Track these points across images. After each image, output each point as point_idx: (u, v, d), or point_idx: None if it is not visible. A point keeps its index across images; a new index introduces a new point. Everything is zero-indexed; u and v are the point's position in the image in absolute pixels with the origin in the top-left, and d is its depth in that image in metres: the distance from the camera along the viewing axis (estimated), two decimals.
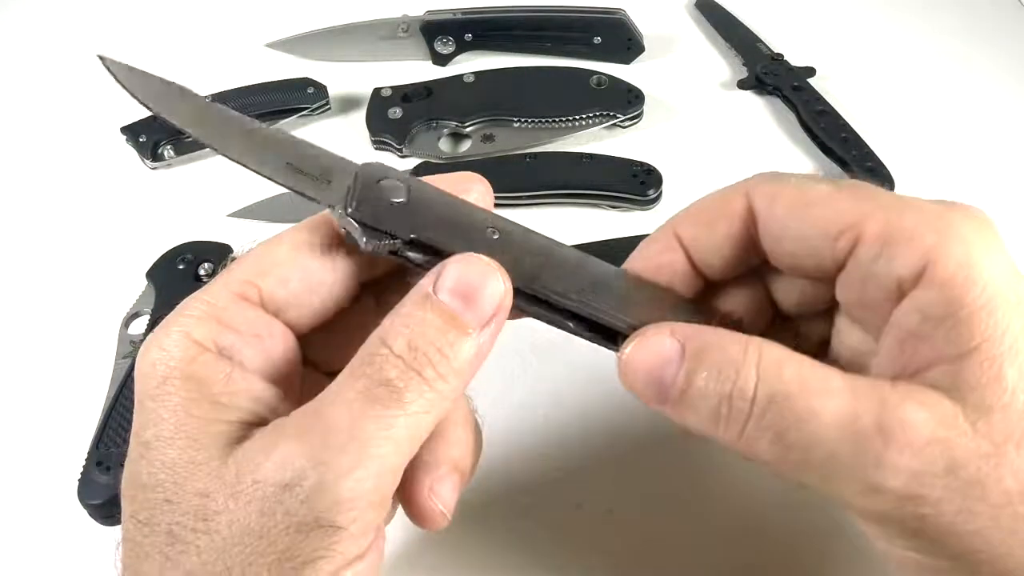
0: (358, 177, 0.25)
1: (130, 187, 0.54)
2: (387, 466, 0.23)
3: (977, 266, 0.21)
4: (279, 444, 0.22)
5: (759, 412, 0.23)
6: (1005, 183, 0.53)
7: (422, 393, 0.23)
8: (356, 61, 0.62)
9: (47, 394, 0.44)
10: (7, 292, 0.49)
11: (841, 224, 0.23)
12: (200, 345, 0.23)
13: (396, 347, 0.23)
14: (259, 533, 0.21)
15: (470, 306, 0.24)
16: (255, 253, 0.26)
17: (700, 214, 0.27)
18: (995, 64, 0.61)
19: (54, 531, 0.39)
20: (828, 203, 0.24)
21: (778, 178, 0.26)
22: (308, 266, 0.25)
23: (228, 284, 0.25)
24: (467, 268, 0.24)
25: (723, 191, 0.27)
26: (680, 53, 0.63)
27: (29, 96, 0.61)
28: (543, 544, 0.37)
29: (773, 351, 0.24)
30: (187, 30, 0.65)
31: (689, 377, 0.24)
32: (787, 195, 0.25)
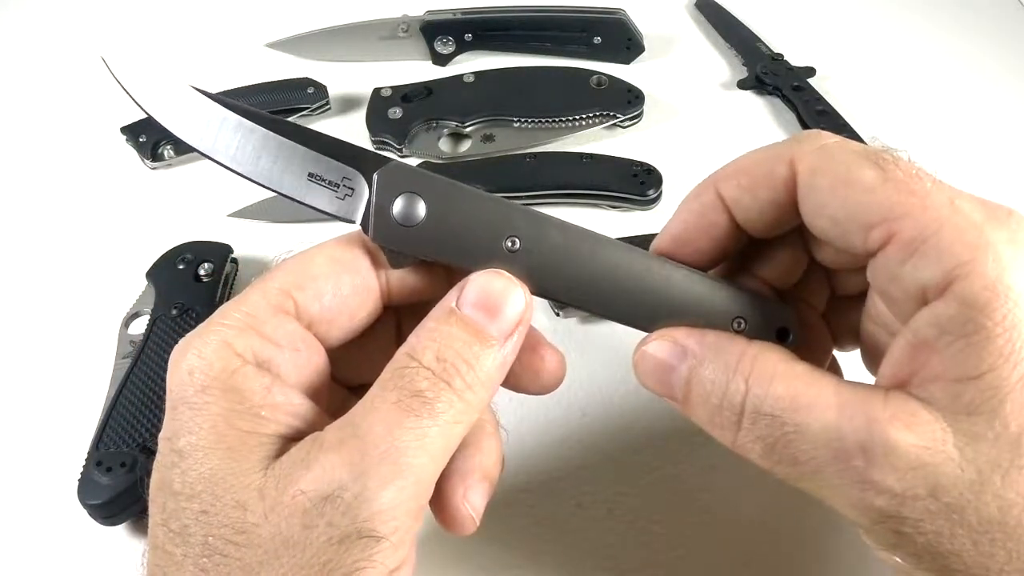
0: (374, 193, 0.26)
1: (130, 187, 0.54)
2: (424, 475, 0.23)
3: (1004, 291, 0.21)
4: (319, 457, 0.22)
5: (748, 424, 0.24)
6: (1006, 183, 0.53)
7: (452, 404, 0.23)
8: (356, 61, 0.62)
9: (47, 394, 0.44)
10: (7, 292, 0.49)
11: (876, 217, 0.23)
12: (241, 357, 0.24)
13: (425, 359, 0.24)
14: (301, 545, 0.21)
15: (493, 319, 0.24)
16: (291, 264, 0.26)
17: (744, 176, 0.26)
18: (996, 64, 0.61)
19: (54, 531, 0.39)
20: (869, 193, 0.23)
21: (825, 151, 0.24)
22: (342, 282, 0.26)
23: (266, 294, 0.25)
24: (489, 283, 0.25)
25: (768, 152, 0.26)
26: (680, 53, 0.63)
27: (29, 96, 0.61)
28: (543, 543, 0.37)
29: (767, 364, 0.24)
30: (187, 30, 0.65)
31: (688, 385, 0.25)
32: (831, 173, 0.24)
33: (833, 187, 0.24)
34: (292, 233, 0.51)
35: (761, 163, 0.26)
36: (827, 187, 0.24)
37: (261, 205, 0.52)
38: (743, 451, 0.24)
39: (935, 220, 0.22)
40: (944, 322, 0.21)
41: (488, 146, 0.55)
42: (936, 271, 0.21)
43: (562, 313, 0.45)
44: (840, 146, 0.24)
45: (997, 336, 0.20)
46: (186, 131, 0.26)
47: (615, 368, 0.43)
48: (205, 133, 0.26)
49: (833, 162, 0.24)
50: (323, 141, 0.26)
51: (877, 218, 0.23)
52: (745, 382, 0.24)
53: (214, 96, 0.26)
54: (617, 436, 0.41)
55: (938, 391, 0.22)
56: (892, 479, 0.21)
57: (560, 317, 0.45)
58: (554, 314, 0.45)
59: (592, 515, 0.38)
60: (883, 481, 0.22)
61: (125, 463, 0.37)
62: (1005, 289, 0.20)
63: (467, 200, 0.26)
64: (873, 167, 0.23)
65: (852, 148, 0.24)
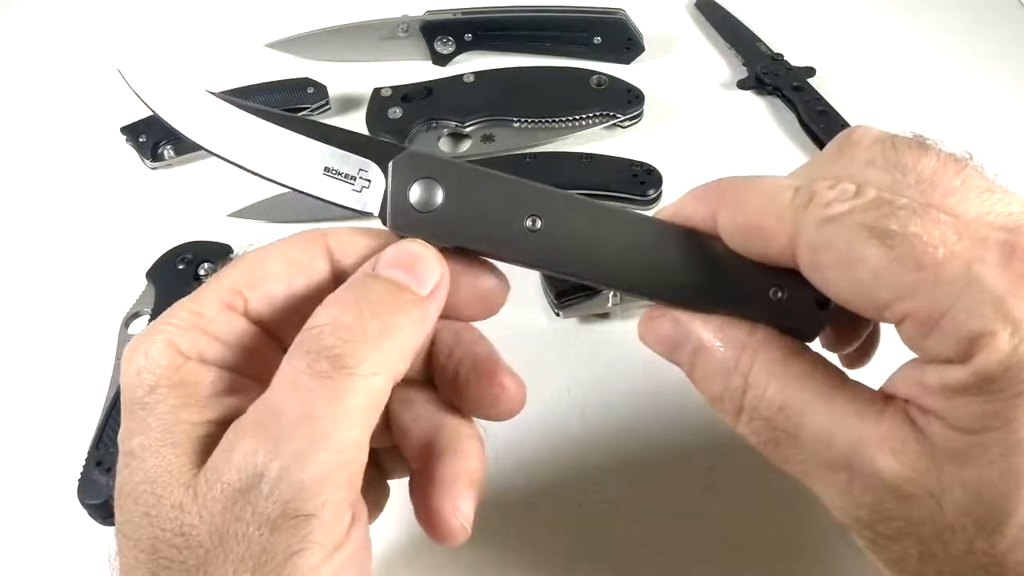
0: (390, 181, 0.25)
1: (130, 187, 0.54)
2: (348, 442, 0.22)
3: (1019, 366, 0.20)
4: (237, 444, 0.22)
5: (746, 418, 0.24)
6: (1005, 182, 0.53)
7: (368, 354, 0.22)
8: (356, 61, 0.62)
9: (47, 394, 0.44)
10: (7, 292, 0.49)
11: (887, 298, 0.21)
12: (184, 355, 0.23)
13: (332, 314, 0.23)
14: (236, 539, 0.21)
15: (412, 273, 0.24)
16: (247, 261, 0.26)
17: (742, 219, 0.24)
18: (996, 64, 0.61)
19: (54, 531, 0.39)
20: (876, 275, 0.21)
21: (828, 226, 0.22)
22: (295, 283, 0.25)
23: (217, 292, 0.25)
24: (405, 247, 0.25)
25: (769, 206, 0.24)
26: (680, 53, 0.63)
27: (29, 96, 0.61)
28: (543, 543, 0.37)
29: (766, 362, 0.24)
30: (187, 30, 0.65)
31: (692, 365, 0.25)
32: (834, 253, 0.22)
33: (838, 268, 0.22)
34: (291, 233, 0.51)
35: (764, 217, 0.24)
36: (831, 267, 0.22)
37: (261, 205, 0.52)
38: (743, 435, 0.25)
39: (947, 296, 0.20)
40: (953, 385, 0.21)
41: (488, 146, 0.55)
42: (952, 349, 0.21)
43: (562, 313, 0.45)
44: (845, 219, 0.22)
45: (1001, 402, 0.20)
46: (203, 135, 0.26)
47: (614, 368, 0.43)
48: (221, 136, 0.26)
49: (835, 240, 0.22)
50: (337, 135, 0.26)
51: (887, 298, 0.21)
52: (744, 379, 0.24)
53: (227, 98, 0.26)
54: (616, 436, 0.41)
55: (935, 429, 0.21)
56: (871, 498, 0.22)
57: (560, 317, 0.45)
58: (554, 314, 0.45)
59: (592, 515, 0.38)
60: (863, 498, 0.22)
61: None
62: (1020, 360, 0.20)
63: (485, 182, 0.25)
64: (877, 244, 0.21)
65: (858, 220, 0.22)
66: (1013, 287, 0.20)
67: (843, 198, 0.22)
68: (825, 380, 0.23)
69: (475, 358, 0.27)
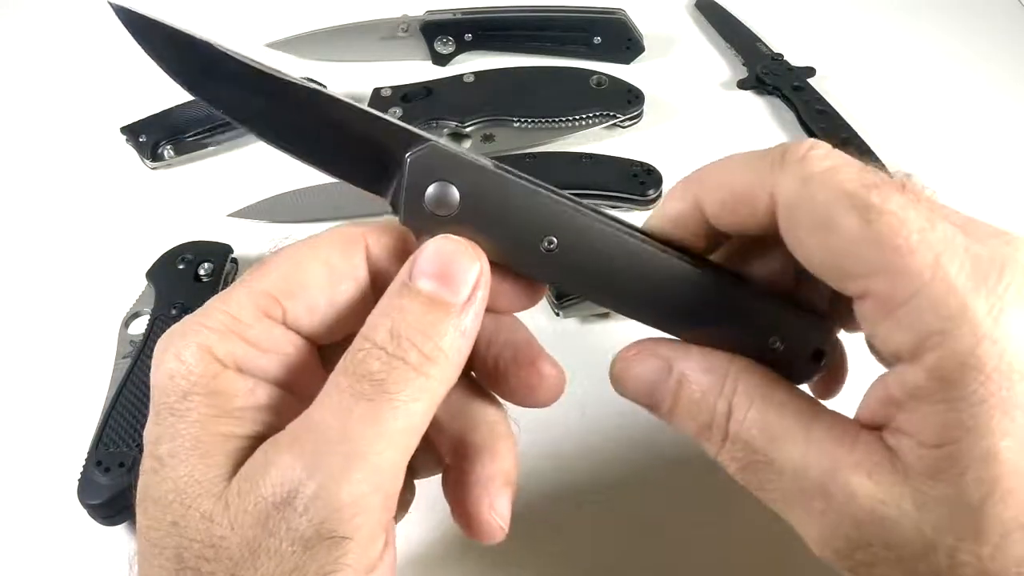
0: (407, 176, 0.24)
1: (130, 187, 0.54)
2: (385, 464, 0.22)
3: (976, 365, 0.19)
4: (275, 458, 0.21)
5: (728, 446, 0.24)
6: (1005, 183, 0.53)
7: (409, 381, 0.22)
8: (356, 61, 0.62)
9: (47, 394, 0.44)
10: (7, 292, 0.49)
11: (854, 270, 0.21)
12: (220, 363, 0.23)
13: (378, 338, 0.22)
14: (268, 555, 0.21)
15: (448, 285, 0.23)
16: (283, 266, 0.24)
17: (725, 193, 0.24)
18: (995, 64, 0.61)
19: (54, 531, 0.39)
20: (848, 244, 0.21)
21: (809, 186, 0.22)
22: (337, 292, 0.25)
23: (253, 296, 0.24)
24: (440, 249, 0.24)
25: (750, 172, 0.24)
26: (680, 53, 0.63)
27: (29, 96, 0.61)
28: (542, 543, 0.37)
29: (747, 387, 0.24)
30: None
31: (676, 399, 0.25)
32: (810, 215, 0.22)
33: (811, 230, 0.22)
34: (292, 233, 0.51)
35: (743, 184, 0.24)
36: (805, 228, 0.22)
37: (261, 205, 0.52)
38: (723, 464, 0.25)
39: (913, 283, 0.20)
40: (912, 388, 0.21)
41: (488, 146, 0.55)
42: (909, 338, 0.20)
43: (562, 313, 0.45)
44: (826, 179, 0.22)
45: (962, 410, 0.20)
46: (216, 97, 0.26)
47: None
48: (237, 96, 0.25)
49: (814, 202, 0.22)
50: (357, 113, 0.25)
51: (855, 271, 0.21)
52: (728, 404, 0.24)
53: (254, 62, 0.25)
54: (617, 435, 0.41)
55: (905, 448, 0.21)
56: (847, 524, 0.22)
57: (560, 317, 0.45)
58: (554, 314, 0.45)
59: (592, 515, 0.38)
60: (839, 525, 0.22)
61: (124, 463, 0.37)
62: (977, 363, 0.19)
63: (505, 193, 0.25)
64: (856, 215, 0.21)
65: (838, 184, 0.21)
66: (975, 287, 0.20)
67: (821, 153, 0.22)
68: (803, 408, 0.23)
69: (515, 347, 0.27)
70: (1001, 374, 0.19)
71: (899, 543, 0.21)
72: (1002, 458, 0.20)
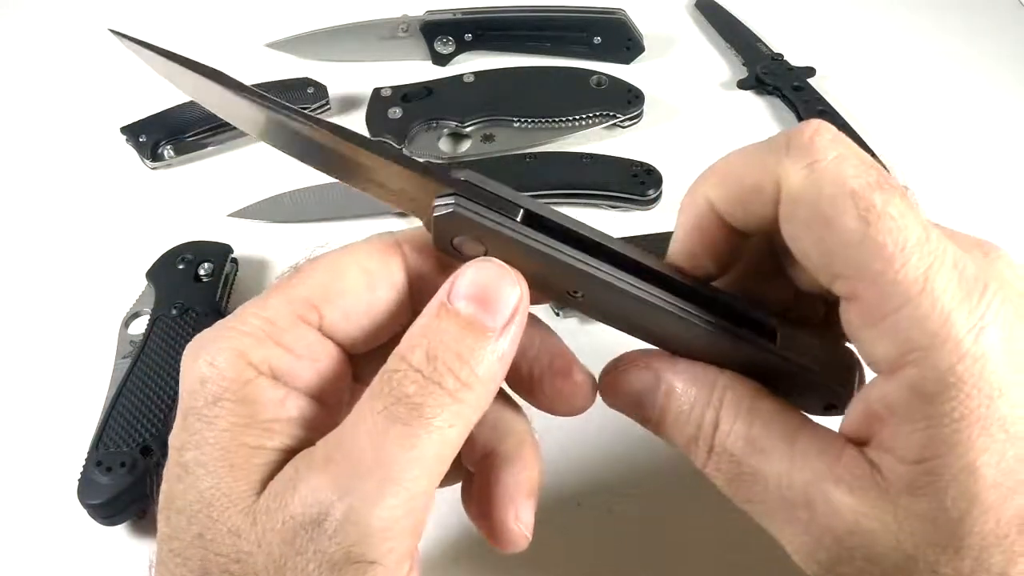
0: (433, 227, 0.24)
1: (130, 187, 0.54)
2: (417, 489, 0.21)
3: (955, 383, 0.20)
4: (306, 476, 0.21)
5: (715, 458, 0.24)
6: (1005, 182, 0.53)
7: (445, 406, 0.22)
8: (356, 61, 0.62)
9: (47, 394, 0.44)
10: (7, 292, 0.49)
11: (846, 272, 0.21)
12: (255, 368, 0.22)
13: (414, 360, 0.22)
14: (294, 573, 0.20)
15: (487, 310, 0.23)
16: (321, 271, 0.24)
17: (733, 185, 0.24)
18: (995, 64, 0.61)
19: (54, 531, 0.39)
20: (844, 245, 0.21)
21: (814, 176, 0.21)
22: (375, 299, 0.24)
23: (291, 302, 0.23)
24: (480, 273, 0.23)
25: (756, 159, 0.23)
26: (680, 53, 0.63)
27: (30, 96, 0.61)
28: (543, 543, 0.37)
29: (735, 399, 0.24)
30: (187, 30, 0.65)
31: (664, 412, 0.25)
32: (812, 208, 0.21)
33: (811, 224, 0.22)
34: (292, 233, 0.51)
35: (749, 173, 0.23)
36: (805, 221, 0.22)
37: (261, 205, 0.52)
38: (709, 476, 0.25)
39: (900, 296, 0.20)
40: (892, 403, 0.21)
41: (488, 146, 0.55)
42: (891, 349, 0.20)
43: (562, 313, 0.45)
44: (831, 170, 0.21)
45: (942, 427, 0.20)
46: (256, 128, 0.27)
47: None
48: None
49: (817, 195, 0.21)
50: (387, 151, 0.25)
51: (846, 272, 0.21)
52: (717, 414, 0.24)
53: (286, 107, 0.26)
54: (617, 435, 0.41)
55: (887, 462, 0.21)
56: (830, 538, 0.22)
57: (560, 317, 0.45)
58: (554, 314, 0.45)
59: (592, 515, 0.38)
60: (823, 538, 0.22)
61: (125, 463, 0.37)
62: (957, 380, 0.19)
63: (528, 253, 0.24)
64: (857, 217, 0.20)
65: (843, 178, 0.21)
66: (961, 304, 0.20)
67: (826, 137, 0.22)
68: (788, 421, 0.23)
69: (551, 356, 0.27)
70: (980, 391, 0.20)
71: (881, 557, 0.21)
72: (981, 474, 0.20)
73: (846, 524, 0.21)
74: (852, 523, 0.21)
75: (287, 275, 0.24)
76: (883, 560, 0.21)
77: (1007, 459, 0.20)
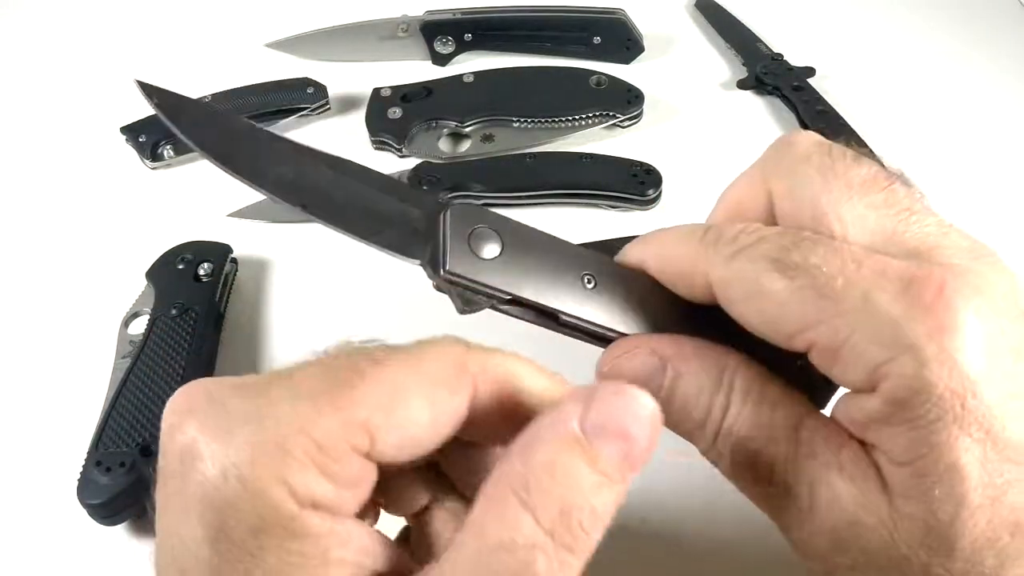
0: (447, 228, 0.24)
1: (130, 187, 0.54)
2: None
3: (924, 387, 0.20)
4: None
5: (720, 443, 0.24)
6: (1005, 182, 0.53)
7: (570, 570, 0.19)
8: (356, 61, 0.62)
9: (47, 394, 0.44)
10: (7, 292, 0.49)
11: (793, 328, 0.22)
12: (298, 499, 0.19)
13: (545, 521, 0.18)
14: None
15: (628, 457, 0.19)
16: (383, 394, 0.20)
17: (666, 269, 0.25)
18: (995, 64, 0.61)
19: (54, 531, 0.39)
20: (780, 306, 0.22)
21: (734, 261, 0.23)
22: (433, 433, 0.21)
23: (346, 426, 0.20)
24: (624, 406, 0.20)
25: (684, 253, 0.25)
26: (680, 53, 0.63)
27: (29, 96, 0.61)
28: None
29: (745, 380, 0.24)
30: (187, 30, 0.66)
31: (669, 399, 0.24)
32: (741, 288, 0.23)
33: (745, 300, 0.23)
34: (291, 233, 0.51)
35: (682, 264, 0.25)
36: (740, 300, 0.23)
37: (260, 205, 0.52)
38: (712, 461, 0.24)
39: (847, 325, 0.21)
40: (872, 415, 0.21)
41: (488, 146, 0.55)
42: (860, 375, 0.21)
43: None
44: (748, 252, 0.23)
45: (922, 428, 0.20)
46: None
47: None
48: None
49: (742, 274, 0.23)
50: (385, 182, 0.25)
51: (793, 329, 0.22)
52: (727, 399, 0.24)
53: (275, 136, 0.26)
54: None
55: (884, 463, 0.21)
56: (829, 527, 0.22)
57: None
58: None
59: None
60: (823, 526, 0.22)
61: (124, 463, 0.37)
62: (924, 385, 0.20)
63: (539, 239, 0.25)
64: (780, 276, 0.22)
65: (760, 253, 0.22)
66: (909, 312, 0.20)
67: (748, 231, 0.23)
68: (794, 408, 0.23)
69: None
70: (953, 392, 0.20)
71: (876, 552, 0.21)
72: (966, 473, 0.20)
73: (846, 514, 0.21)
74: (852, 513, 0.21)
75: (333, 360, 0.21)
76: (878, 556, 0.21)
77: (991, 459, 0.20)
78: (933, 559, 0.21)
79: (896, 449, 0.21)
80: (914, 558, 0.21)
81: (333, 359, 0.21)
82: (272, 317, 0.47)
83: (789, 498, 0.23)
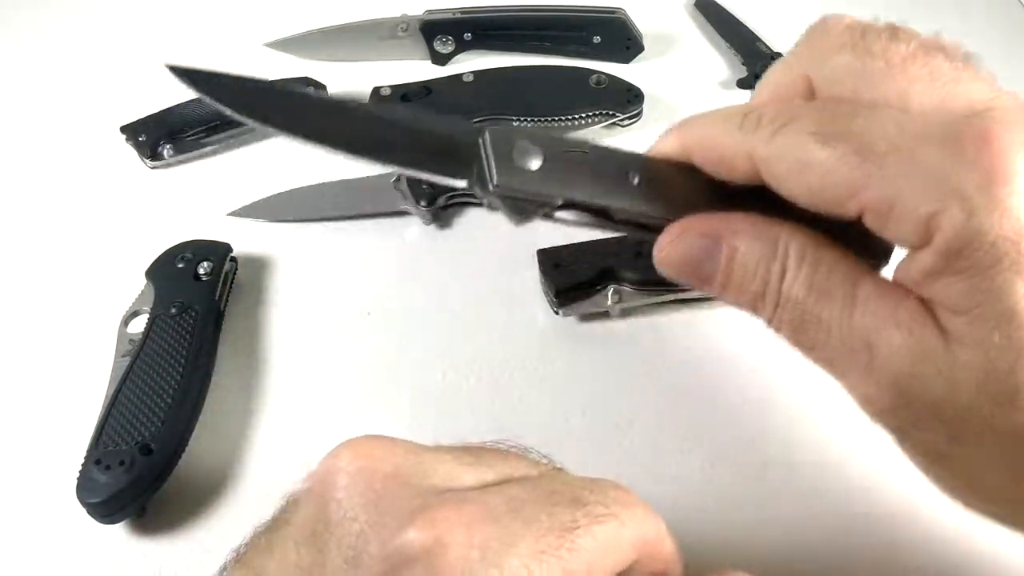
0: (487, 148, 0.25)
1: (130, 187, 0.54)
2: None
3: (975, 235, 0.20)
4: None
5: (781, 309, 0.24)
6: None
7: None
8: (356, 61, 0.62)
9: (47, 393, 0.44)
10: (7, 291, 0.49)
11: (843, 195, 0.22)
12: None
13: None
14: None
15: None
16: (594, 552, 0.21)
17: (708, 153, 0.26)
18: (994, 64, 0.60)
19: (53, 530, 0.39)
20: (827, 175, 0.22)
21: (776, 139, 0.23)
22: None
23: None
24: None
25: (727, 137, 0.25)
26: (680, 53, 0.63)
27: (29, 95, 0.61)
28: None
29: (800, 246, 0.24)
30: (187, 30, 0.66)
31: (727, 273, 0.25)
32: (785, 163, 0.23)
33: (793, 176, 0.23)
34: (292, 232, 0.51)
35: (725, 148, 0.25)
36: (787, 177, 0.23)
37: (261, 204, 0.52)
38: (776, 329, 0.25)
39: (895, 184, 0.21)
40: (929, 269, 0.22)
41: None
42: (911, 231, 0.21)
43: (561, 312, 0.45)
44: (789, 129, 0.23)
45: (977, 275, 0.21)
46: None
47: (615, 366, 0.43)
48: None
49: (785, 150, 0.23)
50: (419, 116, 0.26)
51: (843, 195, 0.22)
52: (783, 265, 0.24)
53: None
54: (617, 435, 0.41)
55: (943, 313, 0.22)
56: (891, 381, 0.22)
57: (559, 316, 0.45)
58: (553, 313, 0.45)
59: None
60: (882, 381, 0.22)
61: (124, 461, 0.37)
62: (974, 234, 0.20)
63: (578, 146, 0.26)
64: (823, 146, 0.22)
65: (800, 129, 0.23)
66: (956, 163, 0.21)
67: (787, 109, 0.24)
68: (850, 269, 0.24)
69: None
70: (1006, 238, 0.20)
71: (938, 406, 0.22)
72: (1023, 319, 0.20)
73: (907, 367, 0.22)
74: (911, 366, 0.22)
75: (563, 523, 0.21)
76: (941, 409, 0.22)
77: None
78: (996, 410, 0.21)
79: (953, 298, 0.21)
80: (976, 409, 0.21)
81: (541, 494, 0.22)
82: (272, 316, 0.47)
83: (849, 358, 0.23)
